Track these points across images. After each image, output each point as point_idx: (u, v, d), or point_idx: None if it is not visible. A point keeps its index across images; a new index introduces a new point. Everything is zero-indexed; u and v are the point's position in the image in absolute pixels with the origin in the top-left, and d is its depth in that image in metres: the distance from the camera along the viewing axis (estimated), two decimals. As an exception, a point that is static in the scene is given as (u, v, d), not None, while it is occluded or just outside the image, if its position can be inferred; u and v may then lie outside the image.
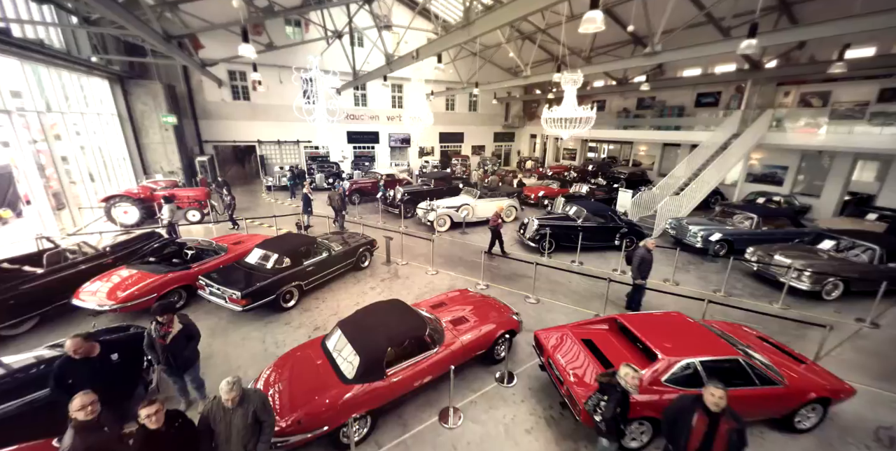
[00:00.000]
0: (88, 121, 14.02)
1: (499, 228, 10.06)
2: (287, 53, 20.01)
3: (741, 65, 16.90)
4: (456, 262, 10.04)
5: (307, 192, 12.46)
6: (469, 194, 13.98)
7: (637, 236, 10.90)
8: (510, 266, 9.71)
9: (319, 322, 6.91)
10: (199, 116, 20.23)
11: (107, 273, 7.13)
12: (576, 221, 10.72)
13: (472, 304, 6.14)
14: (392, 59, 12.85)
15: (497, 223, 9.99)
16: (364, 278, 8.94)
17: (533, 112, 31.37)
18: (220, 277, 6.98)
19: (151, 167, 17.65)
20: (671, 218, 11.83)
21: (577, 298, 8.05)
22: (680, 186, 13.97)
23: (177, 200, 13.51)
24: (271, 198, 18.00)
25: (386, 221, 14.04)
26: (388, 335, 4.54)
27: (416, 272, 9.30)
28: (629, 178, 19.32)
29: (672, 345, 4.44)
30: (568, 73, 9.46)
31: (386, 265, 9.72)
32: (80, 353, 3.67)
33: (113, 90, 16.03)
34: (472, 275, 9.15)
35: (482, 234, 12.71)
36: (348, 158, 25.31)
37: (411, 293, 8.12)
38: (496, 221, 10.03)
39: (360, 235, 9.94)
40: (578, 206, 11.14)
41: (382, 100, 25.45)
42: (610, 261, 10.35)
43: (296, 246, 7.69)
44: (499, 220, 10.01)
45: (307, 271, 7.64)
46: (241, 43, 8.66)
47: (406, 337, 4.65)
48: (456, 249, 11.18)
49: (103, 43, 15.12)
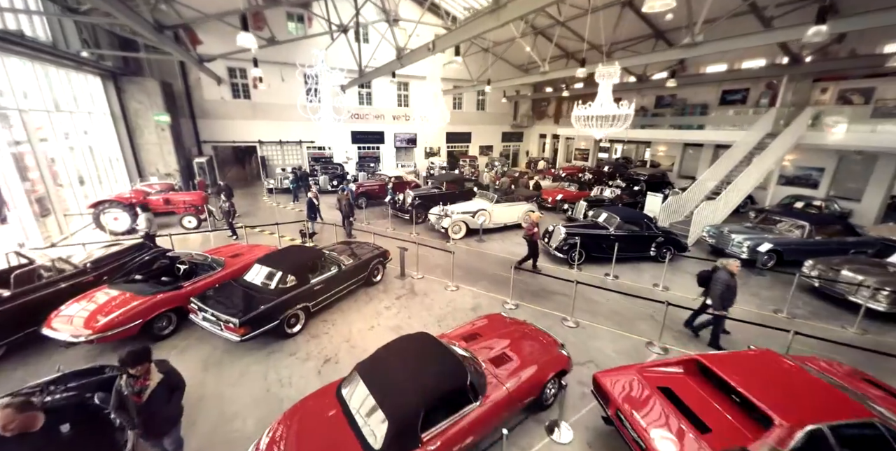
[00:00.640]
0: (78, 120, 13.10)
1: (535, 238, 9.08)
2: (289, 50, 19.10)
3: (772, 60, 15.93)
4: (476, 275, 9.09)
5: (312, 196, 11.54)
6: (485, 199, 13.03)
7: (674, 246, 9.94)
8: (537, 281, 8.76)
9: (330, 352, 5.98)
10: (198, 116, 19.33)
11: (85, 295, 6.21)
12: (607, 230, 9.76)
13: (511, 334, 5.19)
14: (403, 53, 11.90)
15: (533, 233, 9.00)
16: (377, 294, 8.00)
17: (542, 111, 30.40)
18: (214, 299, 6.05)
19: (147, 169, 16.74)
20: (708, 225, 10.87)
21: (620, 320, 7.10)
22: (712, 190, 13.00)
23: (172, 206, 12.64)
24: (273, 201, 17.08)
25: (396, 228, 13.10)
26: (422, 389, 3.58)
27: (435, 288, 8.35)
28: (648, 180, 18.36)
29: (784, 402, 3.48)
30: (604, 66, 8.51)
31: (400, 279, 8.79)
32: (13, 429, 2.69)
33: (105, 87, 15.11)
34: (496, 291, 8.20)
35: (500, 242, 11.78)
36: (352, 158, 24.39)
37: (432, 314, 7.18)
38: (532, 231, 9.04)
39: (370, 245, 9.00)
40: (609, 212, 10.18)
41: (388, 98, 24.53)
42: (644, 274, 9.39)
43: (302, 262, 6.75)
44: (535, 229, 9.00)
45: (315, 291, 6.70)
46: (241, 32, 7.74)
47: (444, 390, 3.70)
48: (474, 259, 10.23)
49: (94, 37, 14.22)
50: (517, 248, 11.17)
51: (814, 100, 14.87)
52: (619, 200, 13.61)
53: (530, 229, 9.05)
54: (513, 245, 11.46)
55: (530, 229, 9.05)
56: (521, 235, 12.40)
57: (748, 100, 17.16)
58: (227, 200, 11.06)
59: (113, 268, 7.20)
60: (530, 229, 9.05)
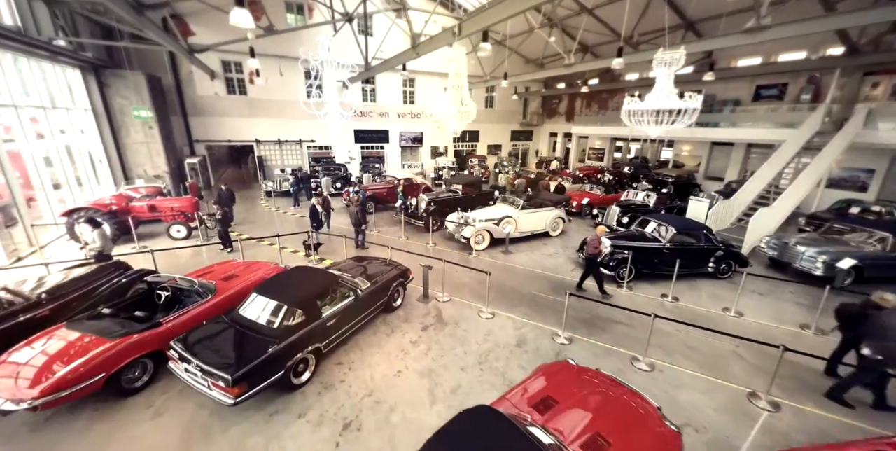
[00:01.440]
0: (54, 117, 11.70)
1: (599, 257, 7.71)
2: (289, 42, 17.73)
3: (816, 51, 14.70)
4: (511, 297, 7.79)
5: (316, 203, 10.20)
6: (508, 204, 11.73)
7: (735, 259, 8.68)
8: (584, 305, 7.45)
9: (349, 411, 4.66)
10: (190, 113, 17.92)
11: (37, 337, 4.87)
12: (659, 242, 8.47)
13: (595, 399, 3.90)
14: (419, 41, 10.56)
15: (599, 251, 7.60)
16: (398, 324, 6.68)
17: (553, 109, 29.11)
18: (201, 343, 4.72)
19: (133, 171, 15.35)
20: (766, 235, 9.61)
21: (701, 359, 5.81)
22: (759, 194, 11.74)
23: (158, 213, 11.27)
24: (271, 206, 15.71)
25: (408, 237, 11.78)
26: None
27: (466, 314, 7.04)
28: (675, 181, 17.13)
29: None
30: (664, 52, 7.23)
31: (423, 303, 7.47)
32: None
33: (86, 81, 13.70)
34: (540, 318, 6.91)
35: (528, 253, 10.48)
36: (355, 159, 23.04)
37: (469, 352, 5.87)
38: (598, 249, 7.58)
39: (387, 261, 7.70)
40: (660, 221, 8.88)
41: (393, 95, 23.19)
42: (701, 292, 8.13)
43: (311, 290, 5.43)
44: (601, 246, 7.60)
45: (328, 326, 5.38)
46: (235, 8, 6.41)
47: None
48: (503, 275, 8.91)
49: (73, 25, 12.82)
50: (549, 261, 9.89)
51: (863, 95, 13.64)
52: (663, 206, 12.32)
53: (596, 247, 7.55)
54: (543, 257, 10.17)
55: (596, 247, 7.55)
56: (550, 244, 11.18)
57: (786, 95, 15.90)
58: (221, 208, 9.69)
59: (78, 296, 5.85)
60: (596, 245, 7.55)
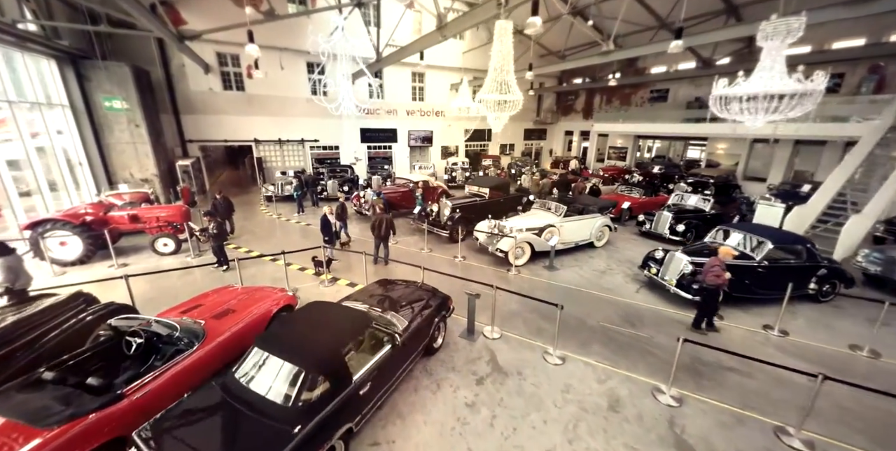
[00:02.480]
0: (21, 114, 10.13)
1: (722, 287, 5.91)
2: (290, 33, 16.23)
3: (875, 38, 13.22)
4: (577, 330, 6.23)
5: (328, 213, 8.64)
6: (545, 210, 10.19)
7: (840, 278, 7.15)
8: (673, 343, 5.90)
9: (401, 536, 3.11)
10: (182, 110, 16.32)
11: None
12: (752, 259, 6.92)
13: None
14: (446, 22, 9.01)
15: (724, 282, 5.80)
16: (444, 374, 5.11)
17: (569, 106, 27.60)
18: (180, 435, 3.17)
19: (118, 175, 13.76)
20: (865, 248, 8.09)
21: (873, 429, 4.27)
22: (833, 198, 10.22)
23: (142, 223, 9.69)
24: (273, 212, 14.14)
25: (431, 249, 10.22)
26: None
27: (527, 358, 5.48)
28: (716, 182, 15.62)
29: None
30: (776, 19, 5.71)
31: (468, 340, 5.91)
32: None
33: (63, 73, 12.13)
34: (625, 363, 5.36)
35: (576, 269, 8.94)
36: (361, 159, 21.48)
37: (548, 419, 4.31)
38: (722, 278, 5.74)
39: (420, 287, 6.16)
40: (749, 233, 7.32)
41: (401, 91, 21.66)
42: (798, 319, 6.60)
43: (338, 344, 3.85)
44: (725, 275, 5.77)
45: (360, 396, 3.83)
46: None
47: None
48: (555, 299, 7.30)
49: (47, 9, 11.24)
50: (604, 279, 8.33)
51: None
52: (737, 212, 10.75)
53: (719, 274, 5.72)
54: (595, 274, 8.62)
55: (719, 274, 5.72)
56: (597, 256, 9.57)
57: (842, 86, 14.41)
58: (214, 220, 8.11)
59: (13, 350, 4.28)
60: (719, 273, 5.73)
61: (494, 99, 7.32)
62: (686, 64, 19.45)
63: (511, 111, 7.21)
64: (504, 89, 7.13)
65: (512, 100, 6.99)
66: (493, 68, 7.12)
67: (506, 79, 7.04)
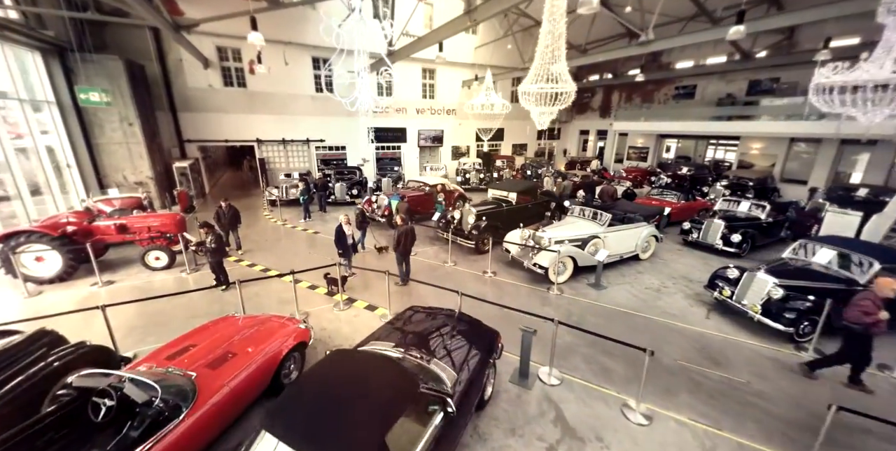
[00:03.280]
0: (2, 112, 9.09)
1: (878, 331, 4.38)
2: (295, 26, 15.19)
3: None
4: (655, 374, 5.04)
5: (344, 222, 7.54)
6: (585, 218, 9.06)
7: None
8: (783, 393, 4.77)
9: None
10: (179, 108, 15.25)
11: None
12: (855, 282, 5.78)
13: None
14: (476, 5, 7.89)
15: (878, 323, 4.30)
16: (499, 438, 3.96)
17: (585, 104, 26.44)
18: None
19: (111, 177, 12.70)
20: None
21: None
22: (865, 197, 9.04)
23: (132, 234, 8.60)
24: (277, 218, 13.05)
25: (455, 262, 9.11)
26: None
27: (602, 413, 4.35)
28: (755, 185, 14.50)
29: None
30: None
31: (521, 387, 4.78)
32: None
33: (49, 67, 11.07)
34: (725, 420, 4.23)
35: (626, 286, 7.80)
36: (369, 160, 20.40)
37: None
38: (876, 318, 4.28)
39: (458, 316, 5.04)
40: (846, 249, 6.17)
41: (411, 88, 20.57)
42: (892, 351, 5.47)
43: (378, 424, 2.74)
44: (881, 312, 4.28)
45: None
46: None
47: None
48: (609, 325, 6.20)
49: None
50: (663, 301, 7.18)
51: None
52: (813, 220, 9.56)
53: (874, 312, 4.27)
54: (649, 294, 7.48)
55: (874, 312, 4.27)
56: (646, 272, 8.32)
57: None
58: (213, 233, 7.00)
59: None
60: (874, 310, 4.28)
61: (539, 90, 6.21)
62: (715, 58, 18.27)
63: (562, 105, 6.10)
64: (552, 79, 6.02)
65: (566, 91, 5.86)
66: (539, 55, 6.01)
67: (556, 69, 5.92)
